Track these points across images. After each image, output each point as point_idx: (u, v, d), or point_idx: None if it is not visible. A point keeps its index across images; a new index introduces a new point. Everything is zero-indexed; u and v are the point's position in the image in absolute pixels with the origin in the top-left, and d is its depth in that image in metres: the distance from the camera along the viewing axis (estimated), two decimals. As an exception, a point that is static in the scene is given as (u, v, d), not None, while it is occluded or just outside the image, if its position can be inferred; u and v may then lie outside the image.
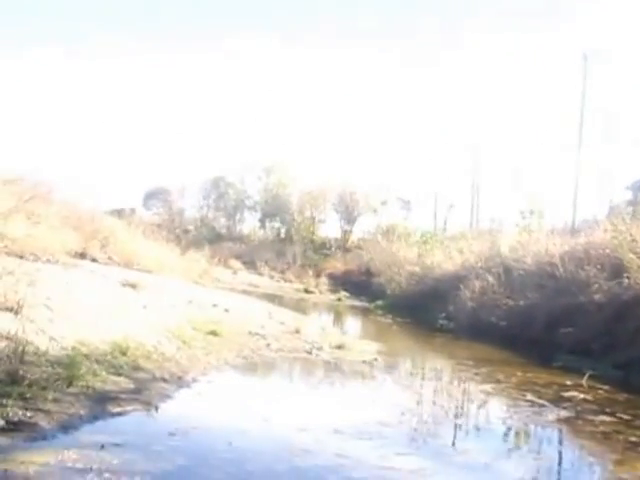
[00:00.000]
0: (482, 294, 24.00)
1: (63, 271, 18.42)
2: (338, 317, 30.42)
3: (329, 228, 59.67)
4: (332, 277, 44.51)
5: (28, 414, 7.47)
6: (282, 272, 47.12)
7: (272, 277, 45.91)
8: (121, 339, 11.55)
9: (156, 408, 8.87)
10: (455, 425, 10.27)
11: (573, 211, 36.80)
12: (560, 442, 9.96)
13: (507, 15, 72.10)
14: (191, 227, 61.07)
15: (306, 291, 40.19)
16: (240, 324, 17.37)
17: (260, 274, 46.41)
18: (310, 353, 15.30)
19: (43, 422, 7.43)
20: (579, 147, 38.31)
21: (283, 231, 60.08)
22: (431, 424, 10.00)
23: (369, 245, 45.76)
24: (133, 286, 18.46)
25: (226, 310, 19.18)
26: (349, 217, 57.74)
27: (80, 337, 11.10)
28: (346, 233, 57.63)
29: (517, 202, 37.27)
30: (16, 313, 11.23)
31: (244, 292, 32.67)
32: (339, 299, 37.07)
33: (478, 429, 10.16)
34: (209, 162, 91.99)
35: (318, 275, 45.55)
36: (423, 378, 14.59)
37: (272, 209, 60.11)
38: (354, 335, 21.25)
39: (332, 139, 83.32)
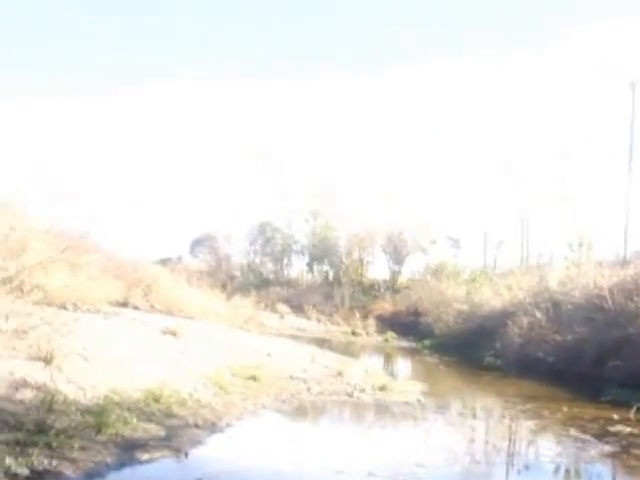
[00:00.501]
0: (529, 330, 23.47)
1: (103, 320, 18.56)
2: (384, 358, 30.07)
3: (378, 269, 59.41)
4: (380, 318, 44.14)
5: (53, 463, 7.38)
6: (330, 315, 46.87)
7: (320, 321, 45.69)
8: (156, 386, 11.44)
9: (186, 454, 8.71)
10: (504, 464, 9.98)
11: (624, 242, 35.87)
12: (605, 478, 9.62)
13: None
14: (238, 273, 61.35)
15: (353, 333, 39.79)
16: (281, 368, 17.19)
17: (308, 318, 46.21)
18: (351, 395, 15.00)
19: (68, 471, 7.34)
20: (629, 176, 37.41)
21: (331, 274, 59.76)
22: (472, 463, 9.66)
23: (417, 285, 45.45)
24: (173, 333, 18.44)
25: (268, 355, 19.05)
26: (397, 257, 57.35)
27: (114, 385, 11.04)
28: (395, 274, 57.21)
29: (566, 235, 36.40)
30: (48, 363, 11.27)
31: (291, 336, 32.45)
32: (386, 340, 36.73)
33: (527, 467, 9.73)
34: (255, 207, 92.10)
35: (366, 317, 45.20)
36: (466, 417, 14.10)
37: (320, 252, 60.04)
38: (399, 376, 20.85)
39: (378, 179, 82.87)
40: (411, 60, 74.13)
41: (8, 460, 7.08)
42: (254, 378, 14.91)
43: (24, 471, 7.01)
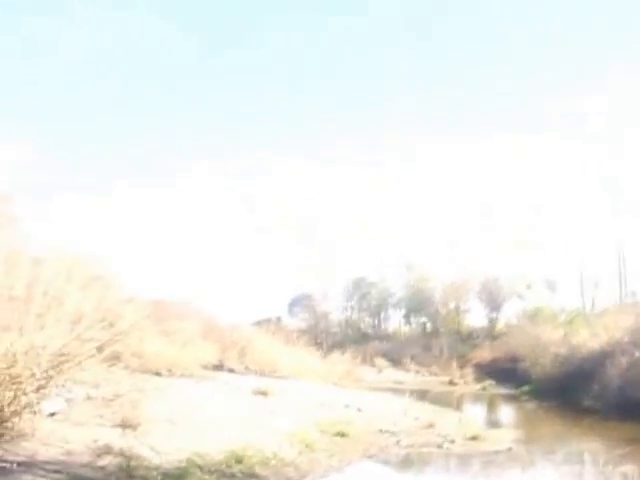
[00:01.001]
0: (628, 370, 22.47)
1: (194, 384, 18.89)
2: (480, 407, 29.39)
3: (475, 317, 58.48)
4: (479, 366, 43.29)
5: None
6: (428, 366, 46.34)
7: (418, 372, 45.25)
8: (239, 447, 11.50)
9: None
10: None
11: None
12: None
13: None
14: (336, 329, 61.42)
15: (451, 383, 39.19)
16: (371, 423, 17.05)
17: (406, 370, 45.84)
18: (441, 447, 14.74)
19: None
20: None
21: (429, 325, 59.20)
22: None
23: (514, 330, 44.44)
24: (264, 394, 18.61)
25: (359, 410, 18.93)
26: (494, 304, 56.34)
27: (198, 448, 11.16)
28: (492, 321, 56.16)
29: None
30: (134, 429, 11.55)
31: (388, 390, 32.11)
32: (484, 388, 36.00)
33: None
34: (348, 263, 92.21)
35: (465, 366, 44.50)
36: (556, 463, 13.62)
37: (416, 304, 59.61)
38: (493, 424, 20.29)
39: (470, 226, 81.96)
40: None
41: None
42: (342, 434, 14.81)
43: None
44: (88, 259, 19.05)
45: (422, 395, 31.21)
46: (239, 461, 10.93)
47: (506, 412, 27.18)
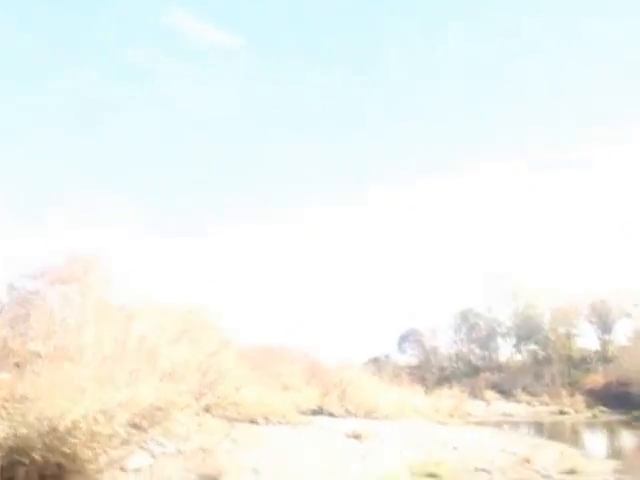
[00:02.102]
0: None
1: (289, 431, 18.99)
2: (584, 437, 28.22)
3: (587, 341, 56.41)
4: (592, 392, 41.86)
5: None
6: (539, 396, 45.04)
7: (529, 403, 44.01)
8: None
9: None
10: None
11: None
12: None
13: None
14: (446, 364, 60.58)
15: (560, 412, 38.06)
16: (467, 461, 16.73)
17: (517, 401, 44.71)
18: (534, 482, 14.38)
19: None
20: None
21: (540, 353, 57.50)
22: None
23: (625, 352, 42.78)
24: (357, 437, 18.57)
25: (454, 448, 18.66)
26: (604, 326, 54.30)
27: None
28: (605, 343, 54.12)
29: None
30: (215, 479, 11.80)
31: (496, 424, 31.45)
32: (594, 416, 34.83)
33: None
34: (453, 296, 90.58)
35: (577, 393, 43.15)
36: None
37: (525, 332, 58.11)
38: (596, 455, 19.50)
39: (570, 247, 79.37)
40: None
41: None
42: (434, 475, 14.64)
43: None
44: (182, 308, 19.72)
45: (528, 427, 30.47)
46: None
47: (611, 440, 26.10)
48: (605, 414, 35.29)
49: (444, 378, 54.19)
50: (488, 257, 77.02)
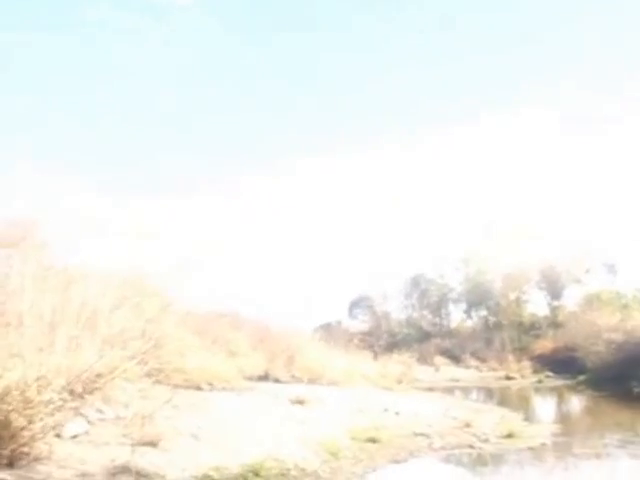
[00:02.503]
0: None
1: (233, 397, 19.02)
2: (528, 401, 28.82)
3: (537, 307, 57.43)
4: (541, 358, 42.83)
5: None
6: (487, 361, 45.84)
7: (477, 368, 44.80)
8: (259, 460, 11.60)
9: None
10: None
11: None
12: None
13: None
14: (397, 330, 61.12)
15: (507, 378, 38.85)
16: (406, 426, 16.98)
17: (466, 367, 45.48)
18: (472, 447, 14.68)
19: None
20: None
21: (491, 319, 58.35)
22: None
23: (572, 318, 43.66)
24: (301, 402, 18.67)
25: (397, 413, 18.86)
26: (554, 292, 55.28)
27: (217, 463, 11.32)
28: (554, 309, 55.00)
29: None
30: (154, 446, 11.76)
31: (443, 389, 31.94)
32: (540, 381, 35.64)
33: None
34: (404, 261, 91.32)
35: (525, 358, 44.02)
36: (581, 457, 13.37)
37: (476, 298, 58.87)
38: (536, 419, 19.94)
39: (524, 213, 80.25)
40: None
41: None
42: (373, 440, 14.83)
43: None
44: (124, 274, 19.48)
45: (474, 392, 30.99)
46: (256, 473, 11.05)
47: (552, 406, 26.73)
48: (551, 379, 36.12)
49: (395, 344, 54.76)
50: (439, 222, 77.89)
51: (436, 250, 75.10)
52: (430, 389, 31.07)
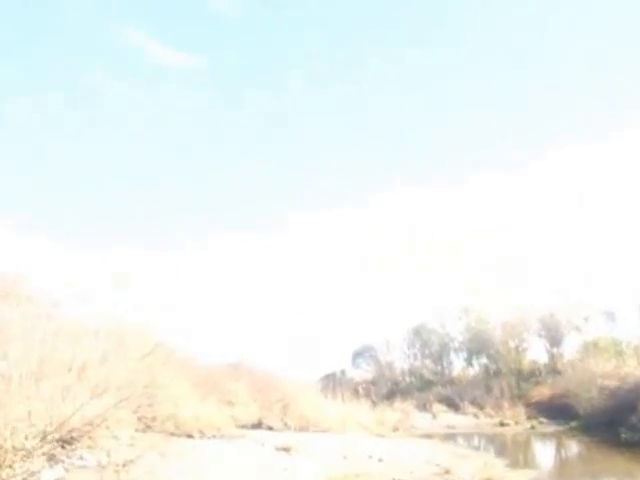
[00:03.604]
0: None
1: (222, 444, 19.35)
2: (517, 447, 28.83)
3: (537, 354, 57.29)
4: (538, 404, 42.69)
5: None
6: (483, 408, 45.81)
7: (475, 415, 44.69)
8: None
9: None
10: None
11: None
12: None
13: None
14: (400, 378, 61.15)
15: (501, 424, 38.85)
16: (388, 472, 17.19)
17: (464, 414, 45.37)
18: (448, 493, 14.92)
19: None
20: None
21: (491, 366, 58.28)
22: None
23: (570, 365, 43.79)
24: (287, 450, 18.99)
25: (380, 460, 19.09)
26: (553, 340, 55.22)
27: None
28: (554, 356, 54.91)
29: None
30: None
31: (439, 436, 32.08)
32: (532, 427, 35.57)
33: None
34: (406, 312, 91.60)
35: (527, 405, 44.01)
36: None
37: (476, 346, 58.83)
38: (521, 464, 20.04)
39: (524, 263, 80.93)
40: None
41: None
42: (351, 486, 15.11)
43: None
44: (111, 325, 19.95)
45: (466, 439, 31.08)
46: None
47: (539, 451, 26.78)
48: (544, 425, 36.09)
49: (398, 392, 54.82)
50: (439, 273, 78.38)
51: (437, 300, 75.80)
52: (426, 436, 31.18)
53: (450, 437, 32.18)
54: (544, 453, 25.94)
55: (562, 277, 72.89)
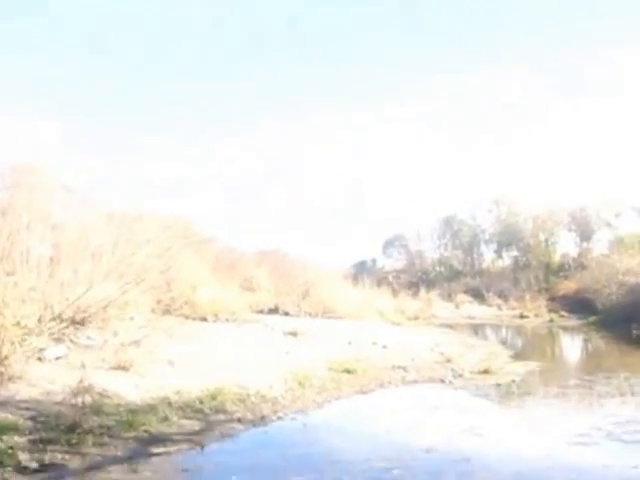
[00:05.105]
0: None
1: (234, 328, 19.88)
2: (527, 340, 29.03)
3: (566, 248, 57.03)
4: (564, 298, 42.63)
5: (66, 457, 8.45)
6: (507, 300, 46.01)
7: (499, 307, 44.99)
8: (220, 386, 12.36)
9: (202, 447, 9.40)
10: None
11: None
12: None
13: None
14: (430, 269, 61.56)
15: (521, 316, 39.03)
16: (389, 359, 17.58)
17: (489, 305, 45.73)
18: (444, 381, 15.23)
19: (73, 464, 8.29)
20: None
21: (520, 259, 58.18)
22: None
23: (596, 260, 43.54)
24: (294, 334, 19.48)
25: (384, 347, 19.48)
26: (583, 234, 54.75)
27: (181, 387, 12.06)
28: (583, 251, 54.63)
29: None
30: (126, 370, 12.66)
31: (457, 326, 32.55)
32: (551, 320, 35.56)
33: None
34: (439, 202, 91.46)
35: (553, 298, 44.15)
36: (540, 397, 13.84)
37: (506, 239, 58.64)
38: (525, 356, 20.18)
39: (555, 155, 79.68)
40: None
41: (22, 456, 8.19)
42: (349, 371, 15.49)
43: (33, 465, 8.07)
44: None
45: (484, 329, 31.47)
46: (214, 398, 11.77)
47: (550, 343, 26.96)
48: (563, 319, 36.10)
49: (428, 281, 55.38)
50: (472, 164, 77.81)
51: (469, 192, 75.39)
52: (446, 326, 31.64)
53: (470, 327, 32.62)
54: (552, 346, 26.20)
55: (595, 172, 71.93)
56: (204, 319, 21.13)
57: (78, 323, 15.17)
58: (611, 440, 9.30)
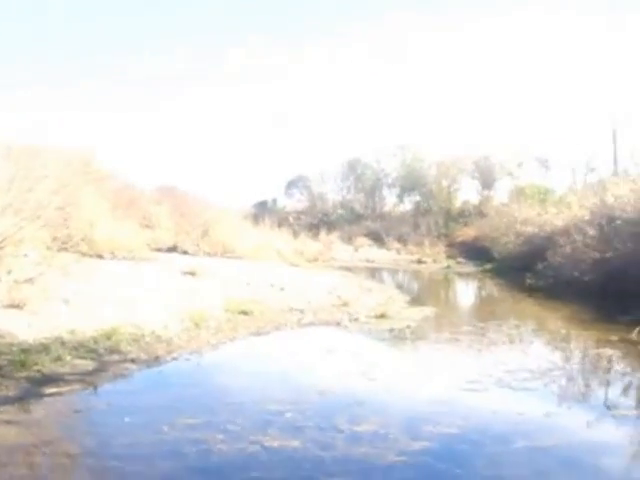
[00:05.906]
0: (573, 249, 22.61)
1: (130, 266, 19.71)
2: (424, 285, 29.93)
3: (468, 196, 58.26)
4: (462, 245, 43.73)
5: (-47, 398, 8.37)
6: (406, 245, 46.98)
7: (397, 251, 45.85)
8: (114, 325, 12.34)
9: (95, 388, 9.43)
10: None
11: None
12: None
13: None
14: (332, 211, 62.01)
15: (419, 262, 39.83)
16: (286, 301, 17.80)
17: (388, 249, 46.54)
18: (339, 324, 15.52)
19: (-40, 404, 8.26)
20: None
21: (422, 204, 59.20)
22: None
23: (496, 209, 44.74)
24: (192, 274, 19.48)
25: (281, 289, 19.72)
26: (485, 183, 56.13)
27: (75, 326, 11.99)
28: (484, 199, 55.83)
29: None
30: (20, 308, 12.46)
31: (352, 268, 33.11)
32: (448, 266, 36.46)
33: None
34: (344, 146, 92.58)
35: (451, 245, 45.30)
36: (433, 340, 14.33)
37: (410, 183, 59.50)
38: (422, 302, 20.69)
39: (463, 104, 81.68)
40: None
41: None
42: (245, 312, 15.64)
43: None
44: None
45: (380, 273, 32.12)
46: (108, 337, 11.76)
47: (442, 291, 27.76)
48: (460, 265, 36.93)
49: (329, 223, 55.81)
50: (377, 109, 78.56)
51: (374, 136, 76.14)
52: (344, 268, 32.08)
53: (368, 271, 33.24)
54: (447, 292, 27.09)
55: (499, 120, 73.67)
56: (101, 257, 20.86)
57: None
58: (500, 387, 9.64)
